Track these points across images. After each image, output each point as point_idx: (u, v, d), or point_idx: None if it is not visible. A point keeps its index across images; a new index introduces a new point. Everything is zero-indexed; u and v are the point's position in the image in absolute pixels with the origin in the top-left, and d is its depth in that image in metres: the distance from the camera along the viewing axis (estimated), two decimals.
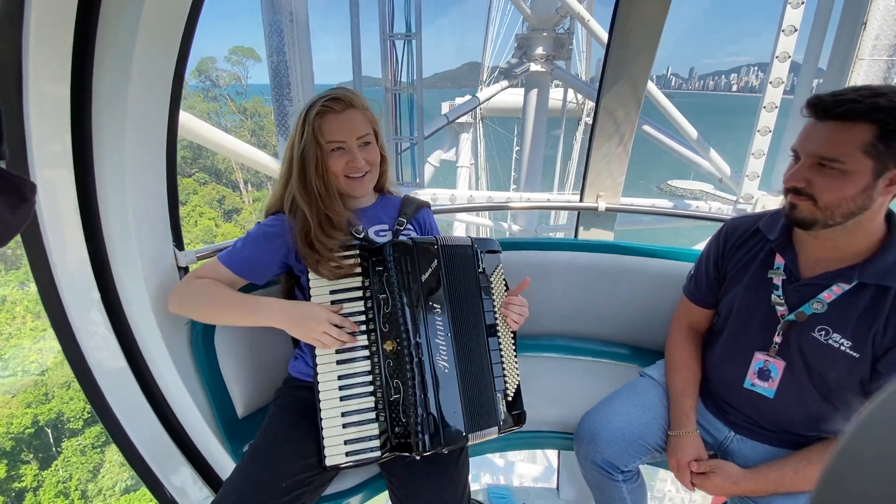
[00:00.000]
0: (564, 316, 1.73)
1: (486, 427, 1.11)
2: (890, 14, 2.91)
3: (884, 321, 0.95)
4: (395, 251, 1.09)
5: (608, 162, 1.81)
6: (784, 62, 3.32)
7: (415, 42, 4.46)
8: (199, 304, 1.14)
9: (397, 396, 1.06)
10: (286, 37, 3.88)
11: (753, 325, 1.13)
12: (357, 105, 1.15)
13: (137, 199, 1.18)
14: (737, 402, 1.21)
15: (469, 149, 10.97)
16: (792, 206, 0.97)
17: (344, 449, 1.06)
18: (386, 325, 1.09)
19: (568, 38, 7.45)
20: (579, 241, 1.83)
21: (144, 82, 1.10)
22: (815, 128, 0.92)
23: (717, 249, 1.22)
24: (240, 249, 1.17)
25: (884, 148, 0.85)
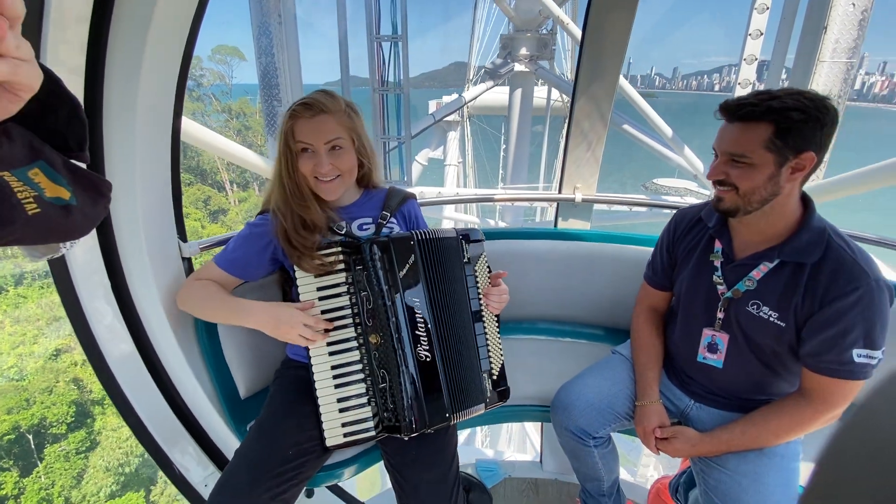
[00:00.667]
0: (545, 301, 1.85)
1: (472, 405, 1.23)
2: (849, 19, 3.10)
3: (802, 293, 1.07)
4: (372, 249, 1.15)
5: (585, 155, 1.94)
6: (751, 64, 3.51)
7: (401, 43, 4.57)
8: (197, 306, 1.25)
9: (384, 385, 1.17)
10: (275, 38, 3.95)
11: (700, 304, 1.26)
12: (330, 109, 1.16)
13: (145, 193, 1.25)
14: (694, 373, 1.34)
15: (457, 147, 11.05)
16: (718, 198, 1.11)
17: (342, 431, 1.17)
18: (370, 319, 1.17)
19: (551, 38, 7.62)
20: (558, 230, 1.95)
21: (154, 80, 1.17)
22: (726, 128, 1.07)
23: (668, 237, 1.37)
24: (231, 250, 1.26)
25: (781, 143, 0.99)
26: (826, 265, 1.04)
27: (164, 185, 1.34)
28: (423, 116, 7.43)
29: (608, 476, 1.50)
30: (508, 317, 1.88)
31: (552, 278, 1.82)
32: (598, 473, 1.48)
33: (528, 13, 7.24)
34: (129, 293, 1.37)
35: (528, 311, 1.88)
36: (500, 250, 1.81)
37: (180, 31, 1.19)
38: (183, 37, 1.21)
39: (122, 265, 1.33)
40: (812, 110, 0.96)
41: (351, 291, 1.19)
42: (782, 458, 1.18)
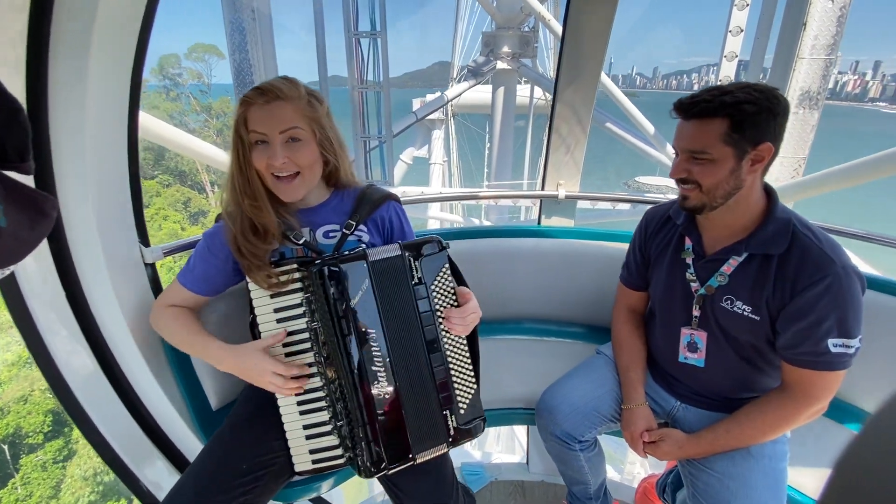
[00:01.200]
0: (530, 299, 1.82)
1: (432, 446, 1.09)
2: (827, 15, 3.13)
3: (772, 285, 1.06)
4: (321, 277, 1.00)
5: (567, 150, 1.91)
6: (732, 61, 3.54)
7: (380, 40, 4.48)
8: (168, 337, 1.18)
9: (341, 423, 1.07)
10: (248, 34, 3.84)
11: (676, 303, 1.24)
12: (287, 96, 1.02)
13: (99, 196, 1.17)
14: (678, 374, 1.32)
15: (441, 146, 11.02)
16: (684, 196, 1.10)
17: (310, 457, 1.09)
18: (324, 352, 1.05)
19: (533, 36, 7.61)
20: (542, 228, 1.92)
21: (105, 73, 1.09)
22: (683, 126, 1.06)
23: (639, 236, 1.36)
24: (192, 267, 1.15)
25: (738, 136, 0.99)
26: (793, 255, 1.03)
27: (122, 187, 1.25)
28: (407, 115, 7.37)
29: (595, 479, 1.47)
30: (493, 317, 1.84)
31: (536, 276, 1.79)
32: (584, 477, 1.45)
33: (511, 10, 7.23)
34: (87, 303, 1.28)
35: (513, 309, 1.84)
36: (485, 248, 1.77)
37: (133, 17, 1.11)
38: (136, 24, 1.13)
39: (78, 273, 1.24)
40: (763, 101, 0.97)
41: (307, 315, 1.07)
42: (770, 460, 1.16)
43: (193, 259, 1.15)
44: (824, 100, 3.30)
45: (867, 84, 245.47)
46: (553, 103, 1.86)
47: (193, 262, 1.15)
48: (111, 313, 1.27)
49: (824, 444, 1.42)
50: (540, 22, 5.60)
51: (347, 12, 4.44)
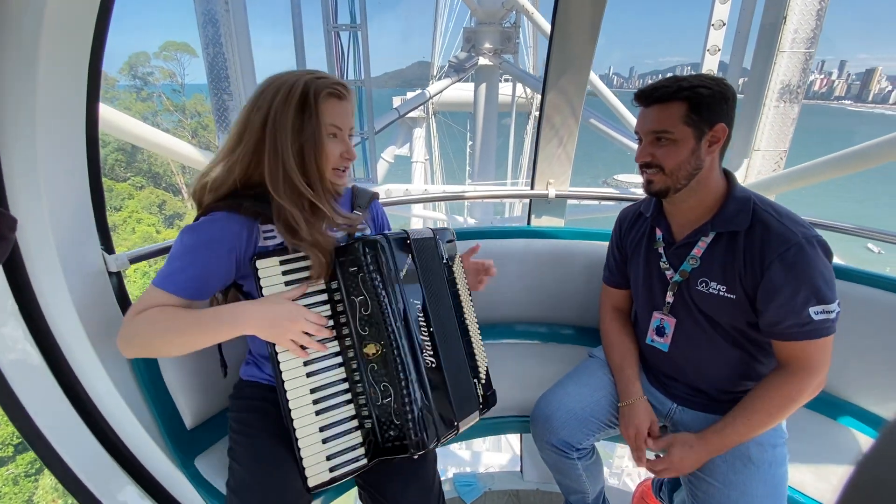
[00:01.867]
0: (522, 301, 1.76)
1: (470, 413, 1.14)
2: (807, 9, 3.16)
3: (742, 261, 1.10)
4: (370, 249, 1.01)
5: (557, 150, 1.86)
6: (714, 55, 3.56)
7: (360, 33, 4.36)
8: (152, 341, 0.96)
9: (388, 400, 1.00)
10: (222, 27, 3.66)
11: (655, 294, 1.28)
12: (350, 98, 1.09)
13: (54, 199, 1.06)
14: (673, 372, 1.30)
15: (423, 144, 10.96)
16: (649, 181, 1.15)
17: (327, 465, 0.99)
18: (365, 328, 1.02)
19: (514, 31, 7.57)
20: (533, 228, 1.87)
21: (55, 68, 0.99)
22: (645, 112, 1.13)
23: (615, 236, 1.43)
24: (181, 268, 0.97)
25: (696, 117, 1.06)
26: (756, 232, 1.09)
27: (81, 189, 1.15)
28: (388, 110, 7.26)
29: (593, 488, 1.42)
30: (482, 320, 1.77)
31: (527, 278, 1.73)
32: (582, 486, 1.40)
33: (492, 5, 7.16)
34: (44, 318, 1.16)
35: (504, 312, 1.78)
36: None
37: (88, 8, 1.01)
38: (93, 11, 1.03)
39: (31, 283, 1.12)
40: (716, 87, 1.06)
41: (336, 299, 1.03)
42: (770, 467, 1.15)
43: (180, 260, 0.97)
44: (803, 94, 3.34)
45: (833, 83, 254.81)
46: (542, 100, 1.81)
47: (181, 263, 0.97)
48: (71, 328, 1.16)
49: (821, 440, 1.41)
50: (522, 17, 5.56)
51: (326, 5, 4.30)
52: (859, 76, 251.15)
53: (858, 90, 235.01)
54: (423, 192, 4.57)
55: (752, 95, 3.42)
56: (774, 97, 3.30)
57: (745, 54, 3.70)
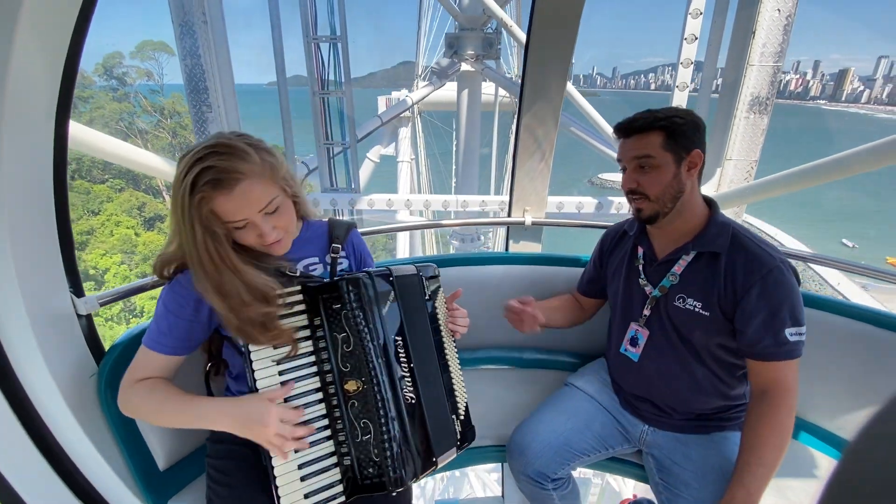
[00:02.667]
0: (501, 327, 1.76)
1: (448, 448, 1.14)
2: (775, 24, 3.25)
3: (722, 282, 1.16)
4: (353, 287, 1.02)
5: (532, 178, 1.90)
6: (687, 68, 3.65)
7: (340, 45, 4.33)
8: (147, 417, 1.08)
9: (367, 437, 1.01)
10: (200, 39, 3.62)
11: (633, 306, 1.36)
12: (244, 171, 0.92)
13: (17, 240, 1.03)
14: (639, 390, 1.36)
15: (409, 144, 10.94)
16: (638, 209, 1.23)
17: (304, 503, 0.99)
18: (346, 364, 1.03)
19: (496, 37, 7.59)
20: (511, 255, 1.89)
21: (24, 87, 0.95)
22: (625, 143, 1.22)
23: (598, 253, 1.53)
24: (164, 331, 1.02)
25: (673, 143, 1.16)
26: (737, 255, 1.15)
27: (47, 229, 1.12)
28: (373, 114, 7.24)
29: None
30: (463, 345, 1.79)
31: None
32: None
33: (473, 11, 7.17)
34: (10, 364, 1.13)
35: (484, 338, 1.80)
36: (454, 276, 1.73)
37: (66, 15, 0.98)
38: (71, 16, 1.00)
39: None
40: (688, 117, 1.17)
41: (319, 335, 1.03)
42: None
43: (165, 321, 1.02)
44: (773, 105, 3.45)
45: (808, 83, 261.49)
46: (517, 132, 1.84)
47: (167, 324, 1.02)
48: (37, 373, 1.12)
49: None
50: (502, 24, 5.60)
51: (306, 16, 4.26)
52: (833, 76, 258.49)
53: (832, 90, 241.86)
54: (406, 202, 4.57)
55: (724, 107, 3.52)
56: (745, 108, 3.41)
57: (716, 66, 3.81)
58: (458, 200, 4.26)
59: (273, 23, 4.07)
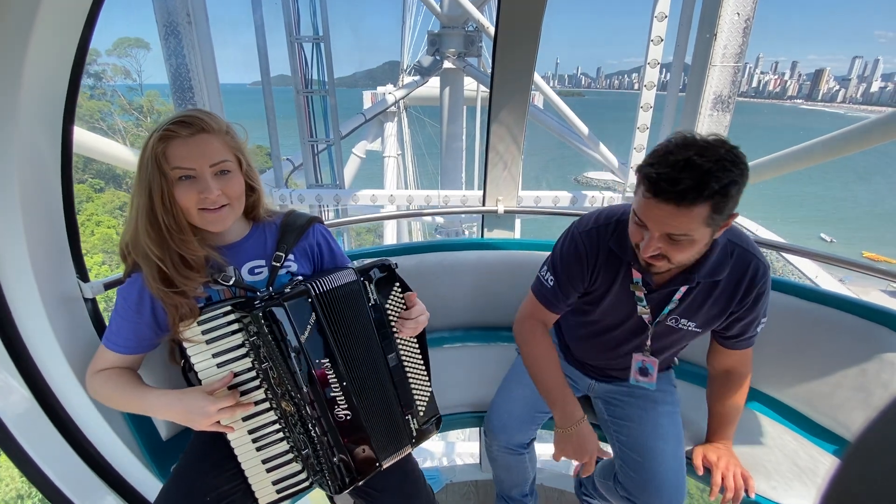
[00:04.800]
0: (476, 308, 1.93)
1: (397, 450, 1.17)
2: (735, 27, 3.46)
3: (722, 303, 1.18)
4: (265, 320, 0.99)
5: (503, 172, 2.05)
6: (654, 68, 3.85)
7: (323, 45, 4.42)
8: (106, 402, 1.12)
9: (307, 450, 1.09)
10: (184, 39, 3.69)
11: (626, 331, 1.32)
12: (211, 129, 0.99)
13: (33, 230, 1.13)
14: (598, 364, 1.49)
15: (395, 138, 10.96)
16: (649, 264, 1.08)
17: (273, 488, 1.10)
18: (278, 387, 1.06)
19: (478, 35, 7.72)
20: (485, 241, 2.04)
21: (37, 88, 1.04)
22: (660, 208, 0.96)
23: (578, 268, 1.26)
24: (116, 331, 1.07)
25: (718, 216, 0.96)
26: (735, 274, 1.13)
27: (56, 218, 1.22)
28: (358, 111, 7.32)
29: (532, 473, 1.59)
30: (441, 326, 1.93)
31: (481, 287, 1.90)
32: (527, 474, 1.56)
33: (454, 10, 7.29)
34: (24, 343, 1.23)
35: (461, 318, 1.94)
36: (432, 262, 1.85)
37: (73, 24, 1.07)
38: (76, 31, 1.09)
39: (12, 314, 1.20)
40: (741, 178, 0.93)
41: (251, 355, 1.06)
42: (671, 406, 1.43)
43: (115, 321, 1.08)
44: (734, 103, 3.67)
45: (786, 83, 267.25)
46: (488, 128, 1.98)
47: (116, 324, 1.07)
48: (50, 353, 1.23)
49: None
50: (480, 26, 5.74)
51: (289, 17, 4.34)
52: (809, 76, 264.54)
53: (809, 90, 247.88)
54: (390, 198, 4.69)
55: (690, 105, 3.74)
56: (709, 106, 3.62)
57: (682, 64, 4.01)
58: (441, 195, 4.40)
59: (257, 23, 4.13)
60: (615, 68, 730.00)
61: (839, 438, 1.51)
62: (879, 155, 57.08)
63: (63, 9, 1.04)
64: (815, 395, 1.54)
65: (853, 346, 1.46)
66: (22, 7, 0.96)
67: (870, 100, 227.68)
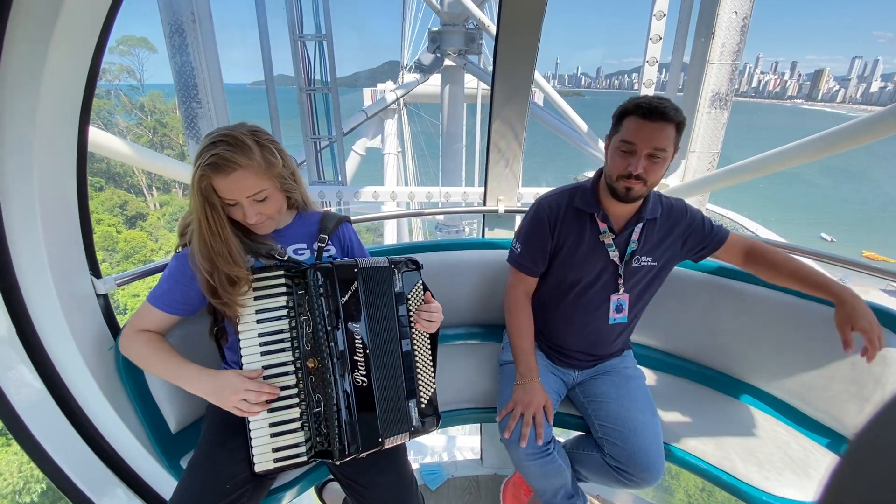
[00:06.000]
0: (478, 306, 1.96)
1: (398, 433, 1.23)
2: (732, 25, 3.48)
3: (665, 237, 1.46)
4: (316, 275, 1.15)
5: (504, 170, 2.08)
6: (653, 66, 3.88)
7: (326, 43, 4.44)
8: (140, 362, 1.23)
9: (318, 409, 1.16)
10: (189, 37, 3.72)
11: (603, 277, 1.49)
12: (243, 165, 1.09)
13: (49, 227, 1.16)
14: (586, 344, 1.58)
15: (395, 136, 10.96)
16: (628, 188, 1.31)
17: (272, 456, 1.14)
18: (308, 343, 1.17)
19: (478, 32, 7.73)
20: (486, 240, 2.06)
21: (56, 91, 1.07)
22: (647, 126, 1.25)
23: (547, 227, 1.48)
24: (165, 291, 1.20)
25: (677, 139, 1.28)
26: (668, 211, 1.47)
27: (71, 216, 1.25)
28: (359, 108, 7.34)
29: (568, 471, 1.51)
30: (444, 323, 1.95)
31: (483, 285, 1.93)
32: (563, 474, 1.49)
33: (455, 7, 7.29)
34: (39, 339, 1.26)
35: (465, 316, 1.97)
36: (435, 261, 1.88)
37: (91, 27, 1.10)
38: (93, 37, 1.12)
39: (28, 308, 1.23)
40: (684, 122, 1.27)
41: (291, 315, 1.18)
42: (641, 380, 1.59)
43: (166, 282, 1.21)
44: (731, 101, 3.70)
45: (786, 83, 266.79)
46: (489, 128, 2.01)
47: (167, 284, 1.20)
48: (64, 348, 1.27)
49: (719, 415, 1.65)
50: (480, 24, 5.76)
51: (291, 15, 4.36)
52: (809, 76, 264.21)
53: (809, 90, 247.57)
54: (392, 194, 4.73)
55: (688, 103, 3.77)
56: (707, 104, 3.65)
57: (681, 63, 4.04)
58: (441, 192, 4.45)
59: (260, 21, 4.16)
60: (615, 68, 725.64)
61: (831, 431, 1.54)
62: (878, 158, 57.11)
63: (82, 13, 1.07)
64: (807, 389, 1.57)
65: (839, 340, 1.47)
66: (43, 10, 1.00)
67: (869, 100, 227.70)
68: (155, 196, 25.74)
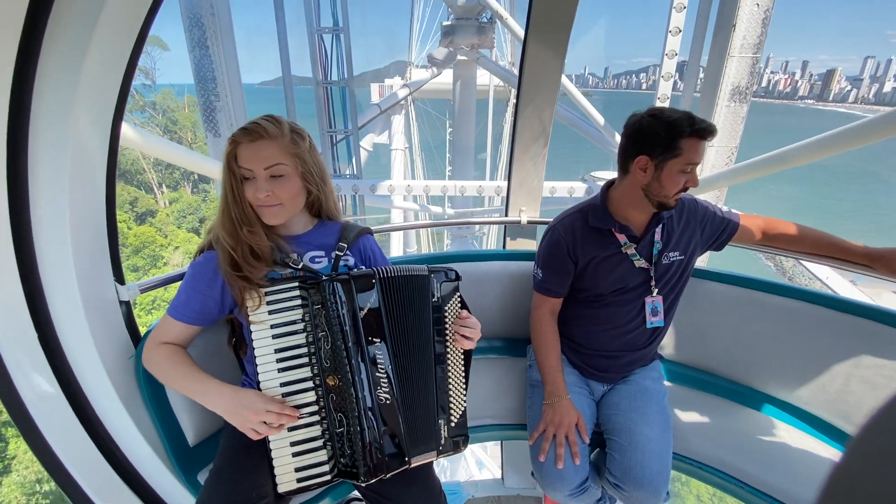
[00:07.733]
0: (500, 319, 1.91)
1: (426, 451, 1.17)
2: (754, 18, 3.39)
3: (685, 229, 1.49)
4: (332, 287, 1.07)
5: (527, 182, 2.05)
6: (672, 59, 3.80)
7: (343, 36, 4.41)
8: (160, 376, 1.19)
9: (342, 429, 1.10)
10: (208, 30, 3.72)
11: (633, 287, 1.48)
12: (271, 134, 1.11)
13: (77, 232, 1.13)
14: (621, 353, 1.55)
15: (402, 131, 10.91)
16: (678, 201, 1.39)
17: (295, 476, 1.09)
18: (328, 361, 1.09)
19: (490, 26, 7.64)
20: (508, 252, 2.03)
21: (91, 99, 1.05)
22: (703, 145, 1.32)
23: (565, 250, 1.50)
24: (184, 301, 1.17)
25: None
26: (685, 208, 1.49)
27: (99, 222, 1.21)
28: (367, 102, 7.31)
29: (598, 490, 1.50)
30: None
31: (504, 297, 1.88)
32: (595, 494, 1.47)
33: (468, 2, 7.20)
34: (60, 344, 1.22)
35: (485, 330, 1.85)
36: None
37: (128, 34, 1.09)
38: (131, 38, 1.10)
39: (51, 313, 1.18)
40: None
41: (308, 329, 1.11)
42: (659, 395, 1.53)
43: (185, 292, 1.18)
44: (751, 94, 3.62)
45: (797, 83, 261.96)
46: (512, 141, 1.98)
47: (186, 295, 1.17)
48: (86, 354, 1.23)
49: (730, 423, 1.63)
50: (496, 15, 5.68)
51: (309, 9, 4.34)
52: (821, 76, 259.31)
53: (820, 90, 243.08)
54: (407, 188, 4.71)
55: (707, 96, 3.68)
56: (726, 98, 3.57)
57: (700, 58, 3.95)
58: (456, 186, 4.40)
59: (277, 14, 4.13)
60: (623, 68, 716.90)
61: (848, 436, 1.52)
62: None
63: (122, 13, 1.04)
64: (823, 395, 1.55)
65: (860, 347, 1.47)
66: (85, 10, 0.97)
67: (882, 100, 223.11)
68: (165, 193, 25.93)
